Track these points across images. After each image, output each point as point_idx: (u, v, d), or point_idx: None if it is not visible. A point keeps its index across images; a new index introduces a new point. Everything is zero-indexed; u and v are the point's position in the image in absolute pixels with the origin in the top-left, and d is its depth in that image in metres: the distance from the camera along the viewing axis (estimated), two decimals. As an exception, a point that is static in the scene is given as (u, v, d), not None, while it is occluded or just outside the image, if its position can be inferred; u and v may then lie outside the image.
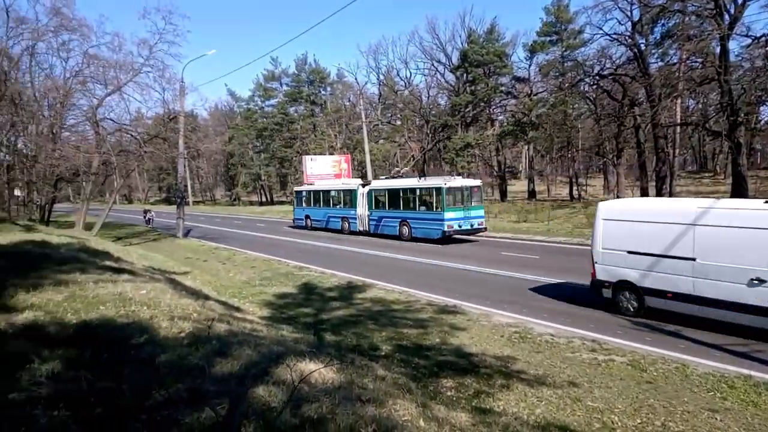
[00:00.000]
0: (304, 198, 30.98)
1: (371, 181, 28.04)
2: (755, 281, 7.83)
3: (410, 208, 23.20)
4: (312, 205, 30.31)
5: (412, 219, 22.93)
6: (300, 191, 31.74)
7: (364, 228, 25.78)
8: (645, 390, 6.33)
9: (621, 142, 38.47)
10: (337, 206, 28.12)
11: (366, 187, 26.38)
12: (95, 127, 26.39)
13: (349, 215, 26.89)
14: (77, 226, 26.74)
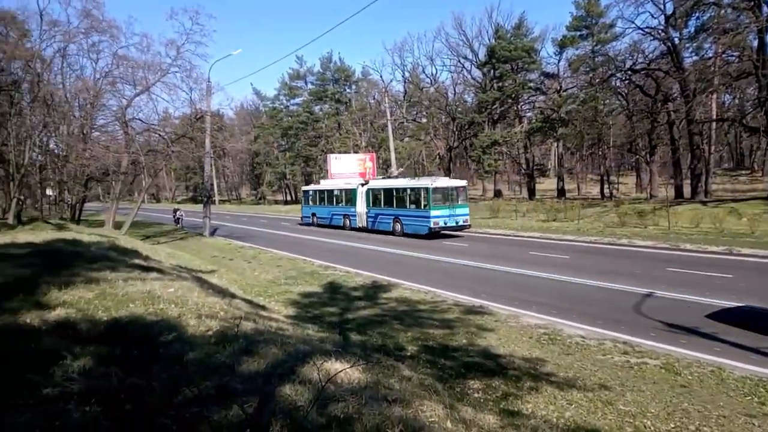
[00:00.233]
0: (311, 197, 32.60)
1: (369, 181, 29.44)
2: None
3: (402, 206, 24.73)
4: (318, 204, 31.85)
5: (403, 216, 24.57)
6: (307, 191, 33.58)
7: (363, 224, 27.64)
8: (679, 394, 6.10)
9: (654, 139, 37.57)
10: (340, 204, 29.77)
11: (364, 186, 28.09)
12: (124, 127, 26.99)
13: (350, 213, 28.83)
14: (107, 224, 27.39)
